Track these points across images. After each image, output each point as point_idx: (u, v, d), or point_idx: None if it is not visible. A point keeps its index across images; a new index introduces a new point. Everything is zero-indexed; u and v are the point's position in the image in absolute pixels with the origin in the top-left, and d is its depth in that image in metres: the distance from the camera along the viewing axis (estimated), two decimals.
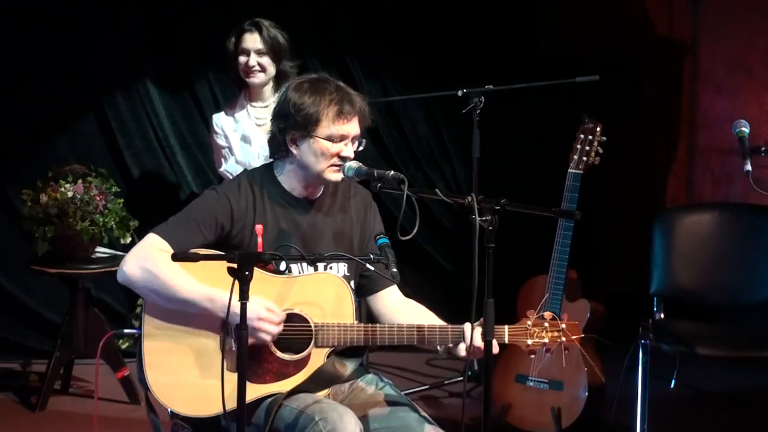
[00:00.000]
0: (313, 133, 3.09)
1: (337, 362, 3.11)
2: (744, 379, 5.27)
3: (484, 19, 6.05)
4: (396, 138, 6.03)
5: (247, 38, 4.60)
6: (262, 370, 3.03)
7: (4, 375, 5.25)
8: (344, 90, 3.15)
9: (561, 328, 3.10)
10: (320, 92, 3.10)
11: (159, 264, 3.01)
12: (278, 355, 3.03)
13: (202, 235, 3.07)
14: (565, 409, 4.37)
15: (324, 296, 3.07)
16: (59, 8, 5.32)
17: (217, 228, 3.10)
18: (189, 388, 3.02)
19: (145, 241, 3.07)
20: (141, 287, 3.04)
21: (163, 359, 3.03)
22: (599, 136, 4.36)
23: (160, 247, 3.03)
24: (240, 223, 3.12)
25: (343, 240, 3.21)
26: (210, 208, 3.11)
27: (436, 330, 3.07)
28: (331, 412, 2.92)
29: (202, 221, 3.08)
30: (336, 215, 3.23)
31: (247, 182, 3.18)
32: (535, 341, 3.09)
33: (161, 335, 3.04)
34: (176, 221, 3.11)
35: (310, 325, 3.05)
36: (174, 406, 3.03)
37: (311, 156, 3.12)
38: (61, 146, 5.43)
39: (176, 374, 3.03)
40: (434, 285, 5.94)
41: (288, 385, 3.02)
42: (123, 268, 3.04)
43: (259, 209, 3.14)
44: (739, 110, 5.67)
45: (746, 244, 4.54)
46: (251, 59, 4.58)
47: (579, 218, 3.06)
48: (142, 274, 3.02)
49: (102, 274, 4.84)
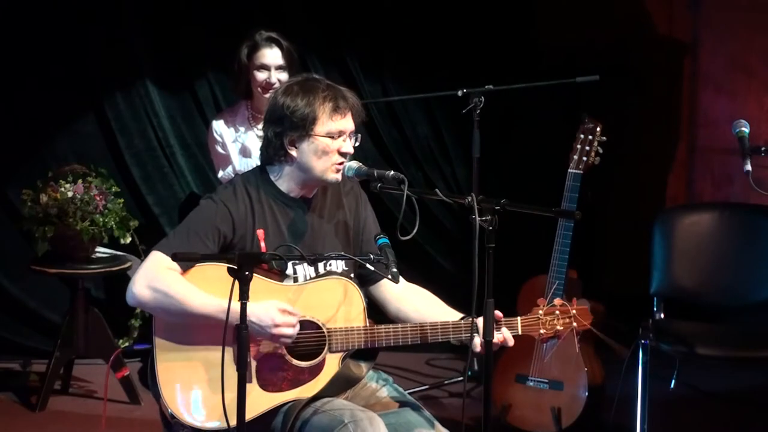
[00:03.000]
0: (311, 132, 3.10)
1: (353, 364, 3.11)
2: (744, 379, 5.27)
3: (484, 19, 6.04)
4: (396, 138, 6.02)
5: (267, 54, 4.54)
6: (277, 378, 3.03)
7: (4, 375, 5.24)
8: (335, 87, 3.16)
9: (572, 314, 3.13)
10: (312, 92, 3.11)
11: (168, 282, 2.99)
12: (293, 362, 3.03)
13: (205, 247, 3.05)
14: (565, 409, 4.37)
15: (334, 301, 3.07)
16: (59, 8, 5.31)
17: (220, 238, 3.08)
18: (205, 401, 3.01)
19: (150, 260, 3.04)
20: (153, 308, 3.03)
21: (177, 376, 3.02)
22: (599, 136, 4.36)
23: (166, 266, 3.01)
24: (241, 230, 3.11)
25: (341, 235, 3.21)
26: (210, 218, 3.10)
27: (449, 326, 3.08)
28: (361, 416, 2.92)
29: (204, 233, 3.07)
30: (332, 211, 3.23)
31: (243, 187, 3.17)
32: (548, 330, 3.12)
33: (173, 352, 3.03)
34: (178, 236, 3.09)
35: (323, 331, 3.05)
36: (195, 421, 3.02)
37: (312, 156, 3.11)
38: (61, 146, 5.43)
39: (192, 389, 3.02)
40: (434, 285, 5.88)
41: (306, 392, 3.02)
42: (133, 290, 3.02)
43: (258, 213, 3.13)
44: (739, 110, 5.67)
45: (746, 244, 4.54)
46: (272, 76, 4.53)
47: (579, 218, 3.06)
48: (153, 294, 3.00)
49: (102, 274, 4.84)
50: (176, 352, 3.03)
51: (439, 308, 3.20)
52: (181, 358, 3.03)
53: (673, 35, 6.10)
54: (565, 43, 6.10)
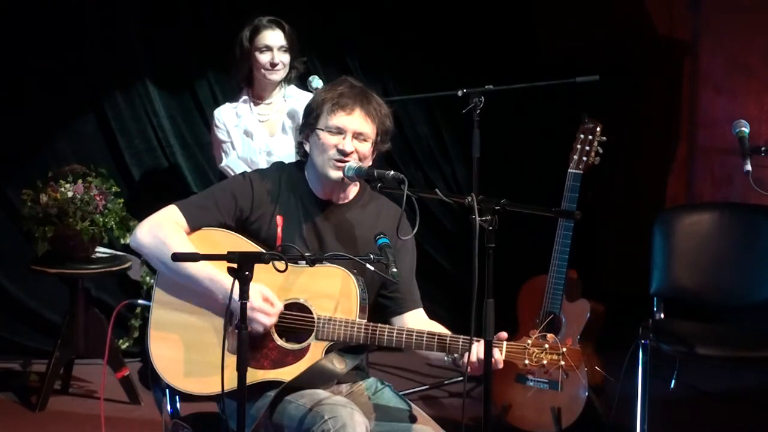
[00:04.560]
0: (315, 126, 3.13)
1: (336, 358, 3.09)
2: (744, 379, 5.28)
3: (485, 19, 6.05)
4: (396, 138, 6.01)
5: (268, 35, 4.61)
6: (261, 355, 3.03)
7: (4, 375, 5.25)
8: (355, 87, 3.17)
9: (562, 351, 2.97)
10: (331, 89, 3.16)
11: (170, 235, 3.05)
12: (278, 342, 3.03)
13: (219, 215, 3.11)
14: (565, 409, 4.37)
15: (330, 289, 3.06)
16: (59, 8, 5.31)
17: (236, 210, 3.13)
18: (188, 365, 3.05)
19: (162, 211, 3.12)
20: (150, 254, 3.09)
21: (167, 333, 3.07)
22: (599, 136, 4.36)
23: (175, 219, 3.09)
24: (259, 210, 3.14)
25: (361, 246, 3.15)
26: (231, 189, 3.16)
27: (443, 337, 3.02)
28: (341, 411, 2.91)
29: (221, 201, 3.12)
30: (359, 221, 3.20)
31: (277, 173, 3.21)
32: (532, 362, 2.98)
33: (169, 309, 3.08)
34: (197, 198, 3.18)
35: (313, 317, 3.05)
36: (173, 380, 3.06)
37: (315, 150, 3.15)
38: (61, 146, 5.42)
39: (178, 349, 3.06)
40: (434, 285, 5.93)
41: (285, 374, 3.01)
42: (136, 233, 3.10)
43: (284, 200, 3.16)
44: (739, 110, 5.67)
45: (746, 244, 4.54)
46: (276, 56, 4.60)
47: (579, 218, 3.05)
48: (153, 241, 3.06)
49: (102, 274, 4.84)
50: (172, 307, 3.08)
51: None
52: (175, 315, 3.07)
53: (673, 35, 6.10)
54: (565, 43, 6.10)
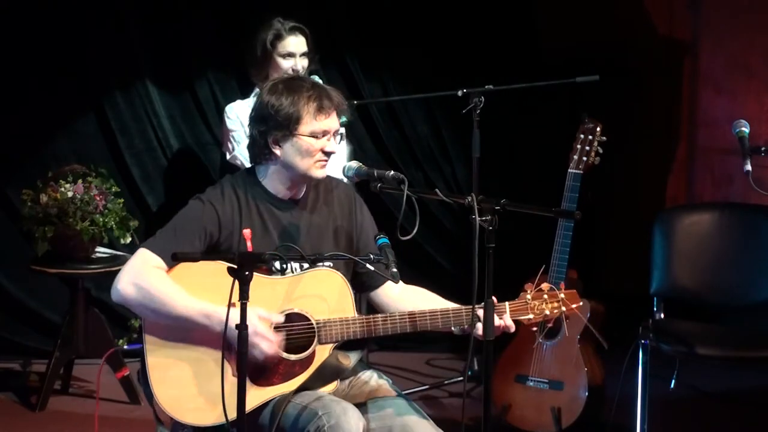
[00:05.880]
0: (295, 131, 3.10)
1: (341, 355, 3.11)
2: (744, 379, 5.27)
3: (485, 19, 6.04)
4: (396, 138, 6.02)
5: (292, 42, 4.63)
6: (269, 373, 3.04)
7: (4, 375, 5.25)
8: (320, 86, 3.16)
9: (560, 297, 3.13)
10: (297, 91, 3.11)
11: (153, 281, 3.00)
12: (283, 355, 3.03)
13: (192, 246, 3.05)
14: (565, 409, 4.37)
15: (323, 292, 3.07)
16: (59, 8, 5.31)
17: (206, 237, 3.09)
18: (195, 399, 3.02)
19: (136, 257, 3.05)
20: (136, 305, 3.03)
21: (167, 373, 3.02)
22: (599, 136, 4.36)
23: (153, 264, 3.02)
24: (227, 230, 3.12)
25: (332, 235, 3.21)
26: (197, 218, 3.10)
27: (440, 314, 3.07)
28: (335, 407, 2.93)
29: (190, 232, 3.07)
30: (321, 211, 3.22)
31: (231, 188, 3.17)
32: (536, 314, 3.12)
33: (164, 350, 3.03)
34: (165, 234, 3.09)
35: (312, 323, 3.05)
36: (184, 418, 3.03)
37: (296, 155, 3.12)
38: (61, 146, 5.42)
39: (182, 386, 3.02)
40: (434, 285, 5.90)
41: (295, 385, 3.03)
42: (117, 287, 3.02)
43: (245, 213, 3.14)
44: (739, 110, 5.67)
45: (746, 244, 4.54)
46: (297, 63, 4.62)
47: (579, 218, 3.05)
48: (137, 291, 3.00)
49: (102, 274, 4.84)
50: (165, 349, 3.03)
51: (438, 304, 3.19)
52: (170, 355, 3.03)
53: (673, 35, 6.10)
54: (565, 43, 6.10)
